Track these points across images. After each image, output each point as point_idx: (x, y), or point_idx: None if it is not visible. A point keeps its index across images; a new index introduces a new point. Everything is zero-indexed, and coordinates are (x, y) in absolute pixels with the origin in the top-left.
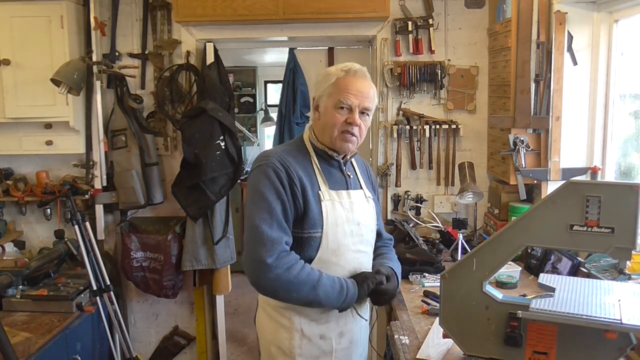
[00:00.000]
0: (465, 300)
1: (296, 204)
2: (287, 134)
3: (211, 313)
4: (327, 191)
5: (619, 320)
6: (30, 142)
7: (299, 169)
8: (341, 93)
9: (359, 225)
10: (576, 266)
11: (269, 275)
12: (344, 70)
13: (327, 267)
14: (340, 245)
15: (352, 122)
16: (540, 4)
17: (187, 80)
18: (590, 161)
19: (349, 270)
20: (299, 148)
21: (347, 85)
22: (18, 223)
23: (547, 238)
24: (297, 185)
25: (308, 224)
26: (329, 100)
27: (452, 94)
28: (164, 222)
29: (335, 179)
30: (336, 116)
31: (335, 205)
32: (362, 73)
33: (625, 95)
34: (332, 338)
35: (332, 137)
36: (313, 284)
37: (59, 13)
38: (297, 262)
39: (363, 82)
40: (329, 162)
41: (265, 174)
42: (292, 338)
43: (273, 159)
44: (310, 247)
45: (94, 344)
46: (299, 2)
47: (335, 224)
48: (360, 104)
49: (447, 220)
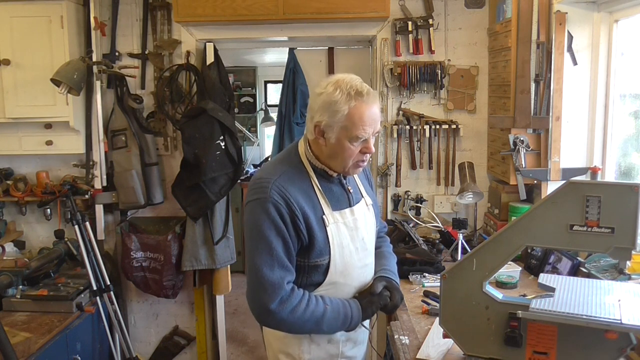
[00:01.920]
0: (465, 300)
1: (300, 237)
2: (287, 134)
3: (211, 313)
4: (330, 214)
5: (619, 320)
6: (30, 142)
7: (299, 196)
8: (357, 127)
9: (364, 240)
10: (576, 266)
11: (272, 320)
12: (354, 98)
13: (335, 288)
14: (347, 266)
15: (369, 152)
16: (540, 4)
17: (187, 80)
18: (590, 161)
19: (356, 287)
20: (295, 168)
21: (362, 116)
22: (18, 223)
23: (547, 238)
24: (299, 218)
25: (314, 253)
26: (342, 133)
27: (452, 94)
28: (164, 222)
29: (336, 198)
30: (352, 148)
31: (339, 227)
32: (374, 96)
33: (625, 95)
34: (340, 342)
35: (344, 167)
36: (316, 320)
37: (59, 13)
38: (300, 301)
39: (375, 107)
40: (329, 179)
41: (264, 210)
42: (301, 344)
43: (271, 192)
44: (318, 273)
45: (94, 344)
46: (299, 2)
47: (342, 247)
48: (374, 131)
49: (447, 220)
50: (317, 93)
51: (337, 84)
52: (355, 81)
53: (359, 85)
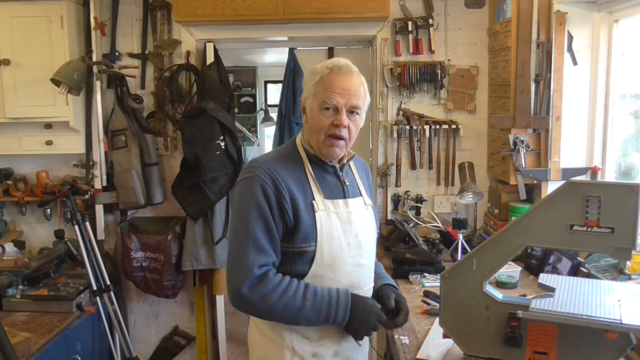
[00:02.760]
0: (465, 300)
1: (285, 219)
2: (287, 134)
3: (211, 313)
4: (321, 201)
5: (619, 320)
6: (30, 142)
7: (288, 178)
8: (325, 93)
9: (357, 237)
10: (576, 266)
11: (244, 304)
12: (328, 68)
13: (322, 282)
14: (336, 259)
15: (339, 124)
16: (540, 4)
17: (187, 80)
18: (590, 161)
19: (345, 284)
20: (290, 154)
21: (332, 83)
22: (18, 223)
23: (547, 238)
24: (285, 199)
25: (299, 238)
26: (314, 102)
27: (452, 94)
28: (164, 222)
29: (330, 187)
30: (322, 119)
31: (330, 215)
32: (348, 69)
33: (625, 95)
34: (326, 357)
35: (318, 142)
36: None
37: (59, 13)
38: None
39: (350, 79)
40: (323, 168)
41: (249, 189)
42: (283, 356)
43: (259, 170)
44: (302, 261)
45: (94, 344)
46: (299, 2)
47: (331, 237)
48: (347, 103)
49: (447, 220)
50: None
51: (324, 62)
52: (340, 60)
53: (341, 61)
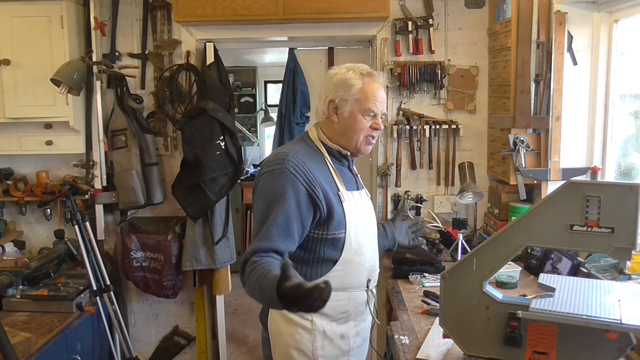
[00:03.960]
0: (465, 300)
1: (318, 209)
2: (287, 134)
3: (211, 313)
4: (345, 192)
5: (619, 320)
6: (30, 142)
7: (316, 171)
8: (369, 101)
9: (370, 224)
10: (576, 266)
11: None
12: (367, 76)
13: (350, 267)
14: (361, 245)
15: (378, 128)
16: (540, 4)
17: (187, 80)
18: (590, 161)
19: (368, 268)
20: (311, 147)
21: (374, 91)
22: (18, 223)
23: (547, 238)
24: (317, 190)
25: (333, 225)
26: (355, 106)
27: (452, 94)
28: (164, 222)
29: (347, 179)
30: (363, 122)
31: (352, 206)
32: (383, 79)
33: (625, 95)
34: (350, 337)
35: (356, 142)
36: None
37: (59, 13)
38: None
39: (383, 89)
40: (340, 161)
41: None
42: (315, 340)
43: (289, 163)
44: (335, 248)
45: (94, 344)
46: (299, 2)
47: (356, 225)
48: (381, 110)
49: (447, 220)
50: (332, 74)
51: (350, 67)
52: (365, 66)
53: (369, 68)
